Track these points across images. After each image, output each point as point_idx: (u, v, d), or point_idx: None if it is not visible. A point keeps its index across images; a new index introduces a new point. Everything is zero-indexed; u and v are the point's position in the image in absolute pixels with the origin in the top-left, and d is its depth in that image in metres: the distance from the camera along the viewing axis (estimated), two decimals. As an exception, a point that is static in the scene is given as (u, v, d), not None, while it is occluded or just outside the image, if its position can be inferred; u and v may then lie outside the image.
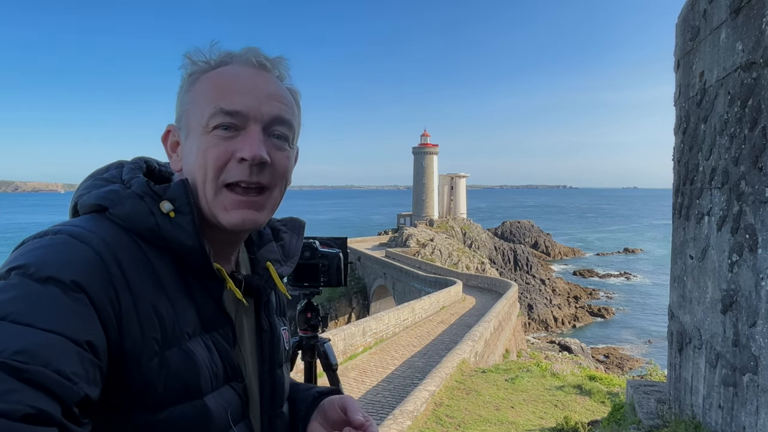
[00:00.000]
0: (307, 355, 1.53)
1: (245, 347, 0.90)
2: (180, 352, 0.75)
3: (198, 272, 0.82)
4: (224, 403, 0.80)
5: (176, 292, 0.78)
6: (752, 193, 2.93)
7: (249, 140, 0.80)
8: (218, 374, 0.80)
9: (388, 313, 18.07)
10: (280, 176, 0.85)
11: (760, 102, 2.86)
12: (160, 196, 0.80)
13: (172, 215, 0.79)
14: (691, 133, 4.21)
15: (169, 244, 0.79)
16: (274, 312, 0.98)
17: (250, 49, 0.86)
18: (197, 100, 0.83)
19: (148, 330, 0.72)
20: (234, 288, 0.85)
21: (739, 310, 3.06)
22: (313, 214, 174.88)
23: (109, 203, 0.78)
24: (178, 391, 0.73)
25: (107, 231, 0.75)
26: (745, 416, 2.94)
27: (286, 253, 1.00)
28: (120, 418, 0.70)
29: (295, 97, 0.90)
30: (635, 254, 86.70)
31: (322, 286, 1.45)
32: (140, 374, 0.70)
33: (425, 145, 70.18)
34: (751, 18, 2.99)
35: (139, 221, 0.78)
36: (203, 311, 0.81)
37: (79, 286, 0.66)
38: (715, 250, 3.51)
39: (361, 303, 43.50)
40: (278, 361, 0.95)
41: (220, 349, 0.82)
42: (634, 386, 5.74)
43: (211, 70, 0.84)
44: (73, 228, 0.73)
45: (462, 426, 8.18)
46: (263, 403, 0.91)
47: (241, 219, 0.82)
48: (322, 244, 1.49)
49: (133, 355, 0.70)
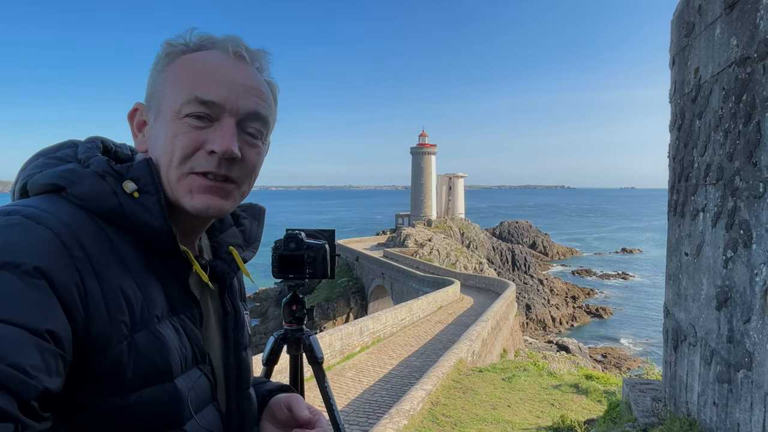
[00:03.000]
0: (293, 349, 1.51)
1: (210, 330, 0.89)
2: (149, 334, 0.73)
3: (163, 254, 0.79)
4: (193, 385, 0.79)
5: (142, 275, 0.76)
6: (746, 188, 2.91)
7: (221, 133, 0.78)
8: (187, 357, 0.79)
9: (385, 313, 18.06)
10: (249, 172, 0.83)
11: (754, 97, 2.85)
12: (123, 176, 0.77)
13: (136, 195, 0.76)
14: (686, 130, 4.20)
15: (133, 225, 0.76)
16: (237, 296, 0.97)
17: (232, 38, 0.83)
18: (172, 83, 0.80)
19: (115, 313, 0.69)
20: (200, 271, 0.84)
21: (733, 306, 3.05)
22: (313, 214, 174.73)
23: (66, 183, 0.75)
24: (148, 373, 0.72)
25: (66, 211, 0.71)
26: (740, 413, 2.92)
27: (247, 239, 0.98)
28: (90, 402, 0.68)
29: (273, 91, 0.88)
30: (633, 254, 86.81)
31: (307, 278, 1.43)
32: (109, 357, 0.68)
33: (423, 145, 70.23)
34: (745, 13, 2.98)
35: (100, 201, 0.74)
36: (170, 294, 0.79)
37: (39, 271, 0.63)
38: (710, 247, 3.50)
39: (359, 303, 43.49)
40: (243, 344, 0.94)
41: (189, 331, 0.80)
42: (630, 384, 5.73)
43: (190, 53, 0.81)
44: (28, 208, 0.69)
45: (458, 425, 8.17)
46: (230, 386, 0.90)
47: (206, 204, 0.80)
48: (308, 236, 1.47)
49: (102, 339, 0.68)
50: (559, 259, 79.67)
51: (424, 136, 71.18)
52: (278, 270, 1.42)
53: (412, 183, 70.46)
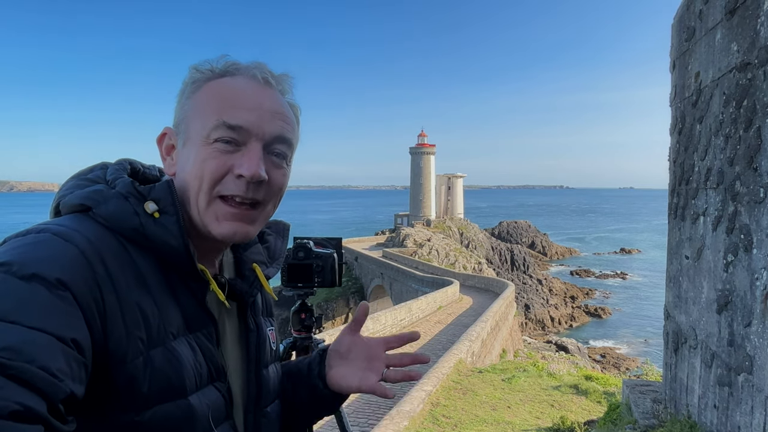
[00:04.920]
0: (302, 356, 1.52)
1: (229, 348, 0.90)
2: (165, 351, 0.75)
3: (182, 273, 0.82)
4: (208, 402, 0.80)
5: (160, 292, 0.78)
6: (747, 193, 2.93)
7: (249, 157, 0.81)
8: (202, 374, 0.80)
9: (385, 313, 18.08)
10: (275, 193, 0.86)
11: (755, 102, 2.87)
12: (145, 197, 0.80)
13: (157, 216, 0.79)
14: (687, 134, 4.22)
15: (153, 245, 0.79)
16: (260, 313, 0.99)
17: (258, 65, 0.86)
18: (199, 109, 0.82)
19: (132, 329, 0.72)
20: (217, 290, 0.85)
21: (734, 310, 3.07)
22: (313, 214, 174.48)
23: (92, 203, 0.78)
24: (162, 390, 0.73)
25: (91, 230, 0.75)
26: (740, 416, 2.95)
27: (271, 255, 1.01)
28: (104, 417, 0.70)
29: (296, 113, 0.90)
30: (631, 254, 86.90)
31: (316, 287, 1.45)
32: (125, 373, 0.70)
33: (422, 145, 70.22)
34: (746, 18, 3.00)
35: (123, 221, 0.78)
36: (187, 311, 0.81)
37: (64, 284, 0.66)
38: (711, 250, 3.52)
39: (358, 303, 43.24)
40: (264, 361, 0.96)
41: (204, 349, 0.82)
42: (630, 386, 5.75)
43: (216, 79, 0.84)
44: (57, 227, 0.73)
45: (459, 426, 8.18)
46: (247, 404, 0.91)
47: (233, 231, 0.83)
48: (316, 245, 1.49)
49: (118, 354, 0.70)
50: (558, 259, 79.74)
51: (423, 136, 71.18)
52: (287, 279, 1.44)
53: (411, 183, 70.45)
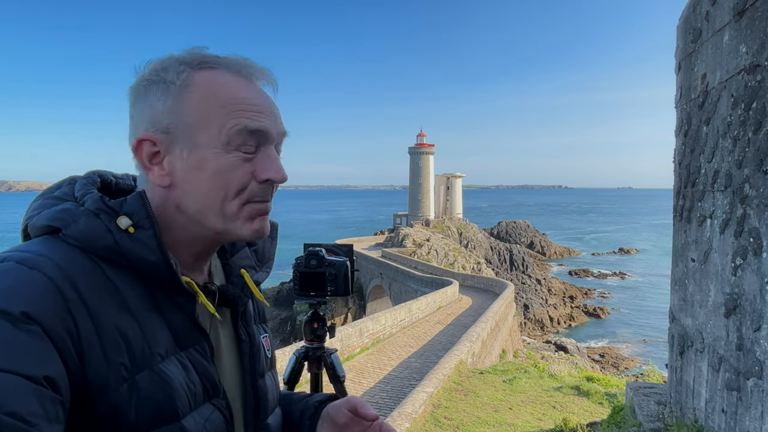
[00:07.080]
0: (314, 367, 1.49)
1: (224, 360, 0.85)
2: (152, 374, 0.70)
3: (166, 288, 0.76)
4: (204, 422, 0.76)
5: (144, 312, 0.73)
6: (756, 196, 2.91)
7: (270, 161, 0.79)
8: (196, 393, 0.75)
9: (384, 314, 18.04)
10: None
11: (764, 105, 2.84)
12: (117, 212, 0.74)
13: (132, 231, 0.73)
14: (693, 136, 4.19)
15: (130, 262, 0.73)
16: (252, 320, 0.93)
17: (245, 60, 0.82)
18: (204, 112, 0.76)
19: (113, 355, 0.67)
20: (206, 302, 0.80)
21: (743, 314, 3.04)
22: (313, 214, 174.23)
23: (61, 224, 0.72)
24: (152, 416, 0.69)
25: (60, 254, 0.69)
26: (750, 421, 2.92)
27: (260, 258, 0.95)
28: None
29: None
30: (630, 254, 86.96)
31: (329, 296, 1.41)
32: (107, 403, 0.66)
33: (421, 145, 70.22)
34: (755, 20, 2.97)
35: (95, 240, 0.71)
36: (175, 328, 0.76)
37: (30, 317, 0.60)
38: (718, 253, 3.50)
39: (357, 303, 43.46)
40: (259, 371, 0.90)
41: (198, 366, 0.77)
42: (634, 388, 5.73)
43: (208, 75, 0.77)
44: (21, 254, 0.68)
45: (460, 428, 8.16)
46: (247, 417, 0.87)
47: (263, 227, 0.81)
48: (328, 252, 1.45)
49: (99, 383, 0.65)
50: (557, 259, 79.76)
51: (423, 136, 71.17)
52: (299, 288, 1.40)
53: (410, 183, 70.45)
